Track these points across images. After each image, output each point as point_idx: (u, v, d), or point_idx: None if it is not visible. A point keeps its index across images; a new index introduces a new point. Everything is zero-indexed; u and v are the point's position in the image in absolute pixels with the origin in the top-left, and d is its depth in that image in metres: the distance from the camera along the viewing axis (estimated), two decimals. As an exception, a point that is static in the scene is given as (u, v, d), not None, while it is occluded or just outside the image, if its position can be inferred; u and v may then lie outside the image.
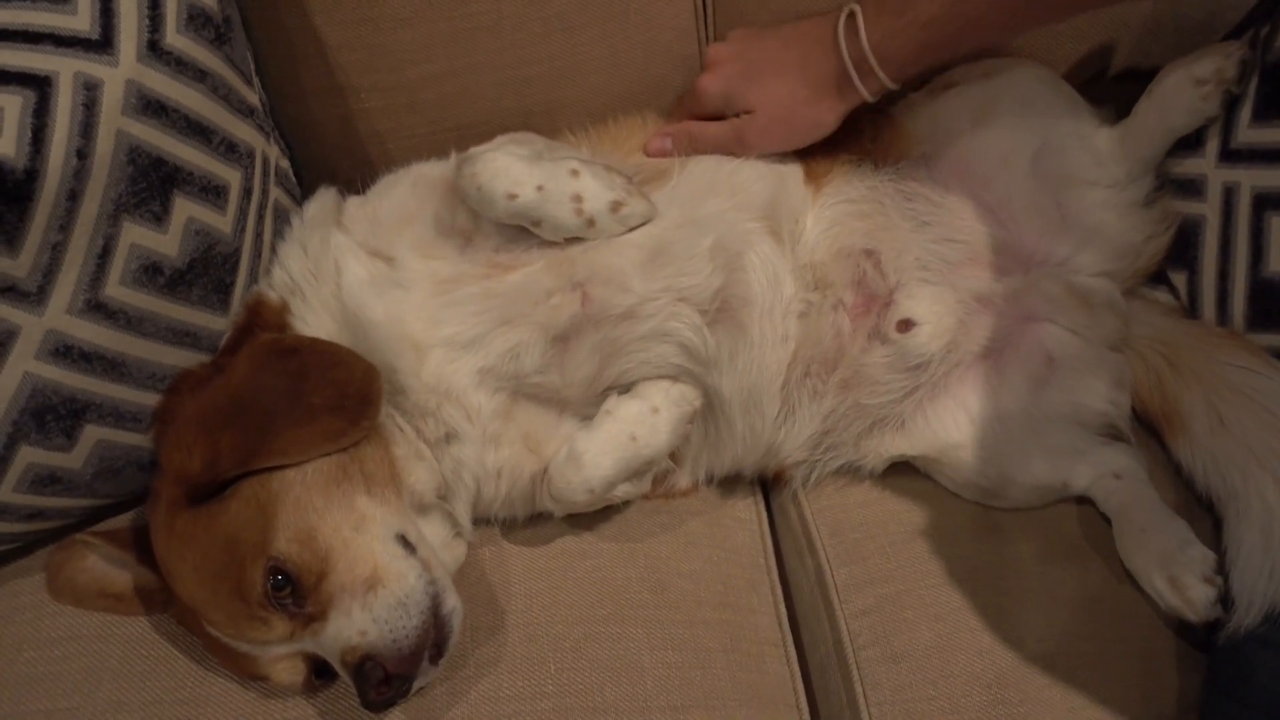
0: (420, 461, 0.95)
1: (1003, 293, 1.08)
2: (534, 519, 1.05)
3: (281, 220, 1.05)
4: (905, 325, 1.05)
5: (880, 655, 0.99)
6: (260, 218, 1.01)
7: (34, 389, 0.87)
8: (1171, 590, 0.94)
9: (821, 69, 1.03)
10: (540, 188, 0.93)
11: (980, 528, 1.07)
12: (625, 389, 1.02)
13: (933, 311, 1.06)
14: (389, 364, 0.93)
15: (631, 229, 0.99)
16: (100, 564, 0.98)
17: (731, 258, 1.01)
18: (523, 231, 0.98)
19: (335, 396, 0.89)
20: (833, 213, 1.09)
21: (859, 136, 1.13)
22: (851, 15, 1.00)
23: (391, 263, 0.97)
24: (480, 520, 1.03)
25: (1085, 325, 1.09)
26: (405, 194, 1.02)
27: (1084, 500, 1.07)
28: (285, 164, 1.09)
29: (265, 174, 1.02)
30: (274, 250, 1.03)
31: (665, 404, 1.00)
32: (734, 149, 1.07)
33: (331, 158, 1.18)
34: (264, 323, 0.97)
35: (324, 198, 1.06)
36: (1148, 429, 1.11)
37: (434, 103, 1.16)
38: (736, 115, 1.08)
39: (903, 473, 1.12)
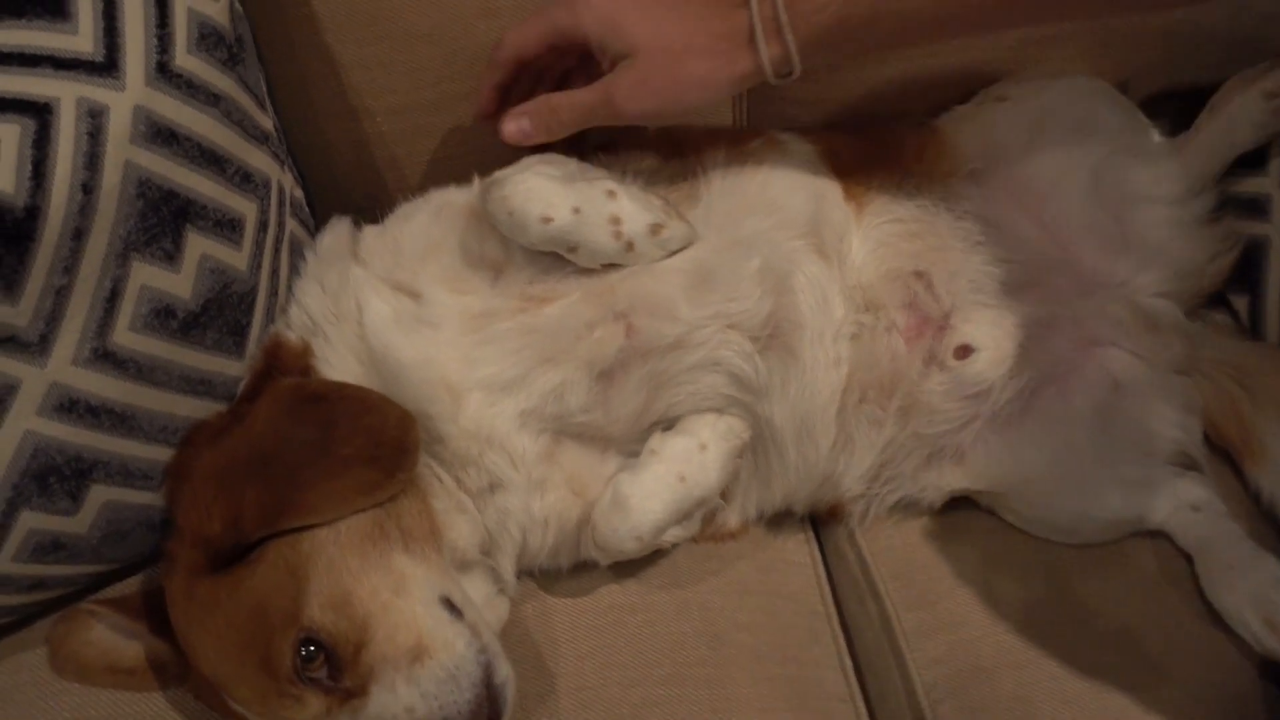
0: (462, 514, 0.88)
1: (1064, 316, 1.03)
2: (577, 568, 0.98)
3: (297, 254, 0.98)
4: (963, 351, 0.99)
5: (958, 708, 0.92)
6: (276, 252, 0.93)
7: (36, 448, 0.78)
8: (1269, 632, 0.88)
9: (725, 20, 0.87)
10: (576, 210, 0.86)
11: (1050, 565, 1.00)
12: (670, 424, 0.95)
13: (991, 337, 1.00)
14: (423, 410, 0.86)
15: (671, 254, 0.92)
16: (108, 635, 0.89)
17: (780, 279, 0.94)
18: (556, 261, 0.91)
19: (368, 446, 0.81)
20: (880, 233, 1.02)
21: (900, 153, 1.07)
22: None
23: (418, 299, 0.89)
24: (521, 573, 0.95)
25: (1151, 349, 1.03)
26: (428, 223, 0.94)
27: (1158, 534, 1.01)
28: (299, 193, 1.02)
29: (281, 205, 0.94)
30: (290, 288, 0.95)
31: (713, 439, 0.93)
32: (602, 115, 0.91)
33: (344, 185, 1.11)
34: (284, 367, 0.89)
35: (338, 228, 0.98)
36: (1219, 455, 1.05)
37: (453, 126, 1.08)
38: (609, 64, 0.90)
39: (962, 508, 1.06)
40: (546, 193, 0.86)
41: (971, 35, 1.02)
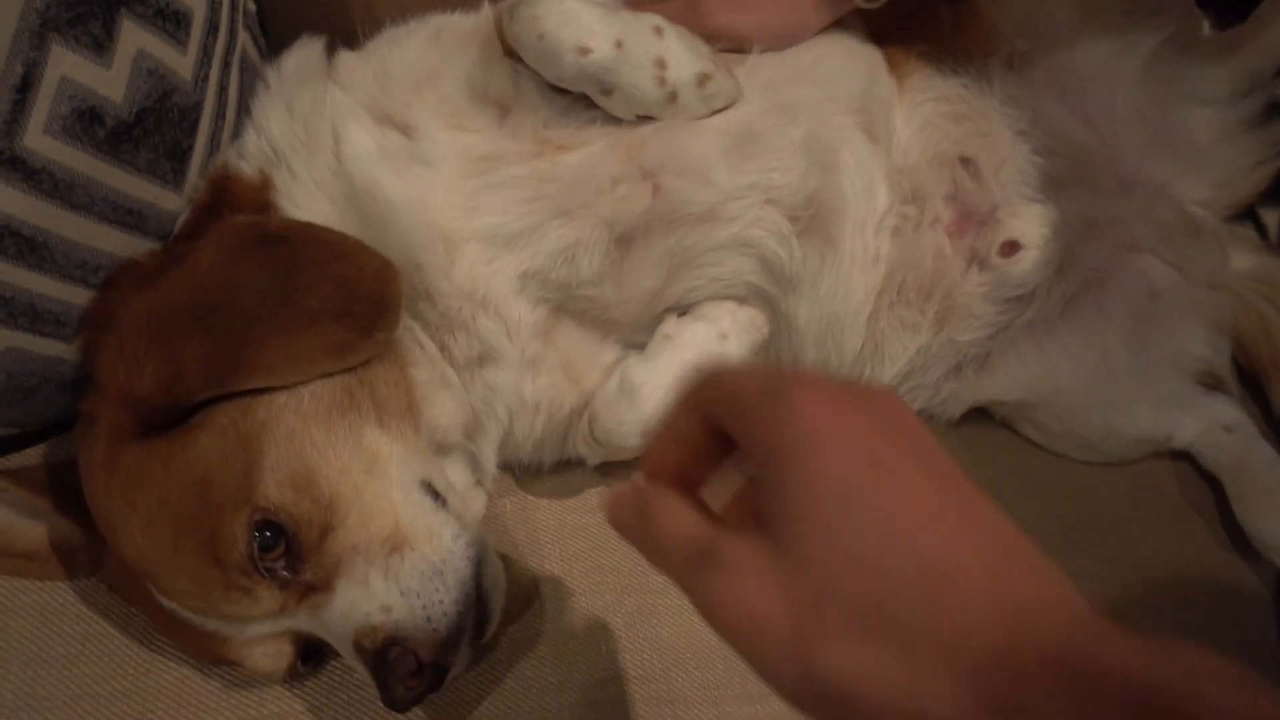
0: (446, 388, 0.75)
1: (1106, 217, 0.94)
2: (559, 466, 0.86)
3: (250, 76, 0.81)
4: (1009, 249, 0.90)
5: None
6: (226, 66, 0.77)
7: (-80, 273, 0.62)
8: (1304, 560, 0.83)
9: None
10: (619, 44, 0.73)
11: (1067, 486, 0.94)
12: (683, 311, 0.84)
13: (1039, 234, 0.90)
14: (411, 259, 0.72)
15: (713, 112, 0.79)
16: (6, 513, 0.74)
17: (826, 155, 0.83)
18: (575, 104, 0.77)
19: (339, 298, 0.68)
20: (924, 111, 0.91)
21: (936, 24, 0.96)
22: None
23: (410, 132, 0.75)
24: (501, 465, 0.83)
25: (1188, 258, 0.96)
26: (423, 48, 0.79)
27: (1178, 456, 0.95)
28: (252, 5, 0.85)
29: (234, 8, 0.78)
30: (244, 112, 0.79)
31: (735, 330, 0.82)
32: (686, 18, 0.83)
33: (302, 10, 0.94)
34: (237, 202, 0.74)
35: (308, 49, 0.82)
36: (1243, 374, 0.99)
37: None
38: None
39: (976, 421, 0.97)
40: (587, 19, 0.72)
41: None
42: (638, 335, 0.85)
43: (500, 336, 0.76)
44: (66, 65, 0.63)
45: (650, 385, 0.79)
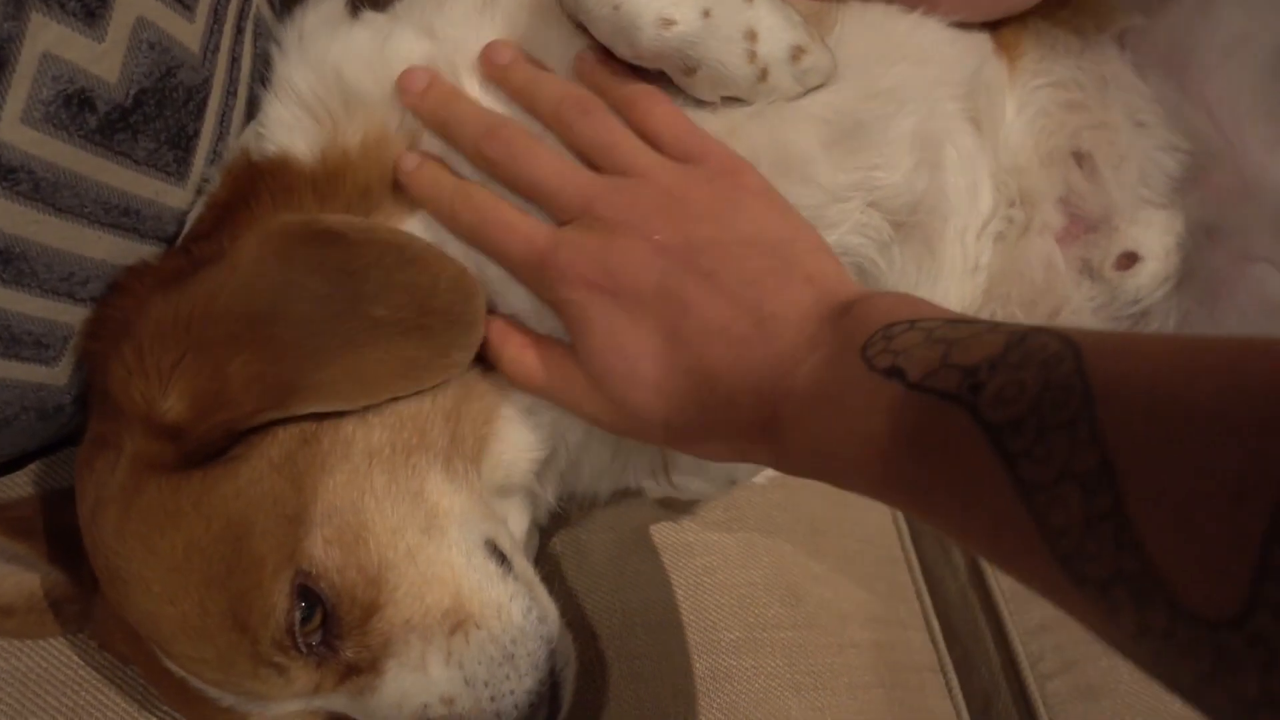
0: (529, 417, 0.64)
1: (1231, 224, 0.83)
2: (616, 496, 0.76)
3: (265, 43, 0.69)
4: (1127, 260, 0.80)
5: (1071, 688, 0.77)
6: (239, 32, 0.64)
7: None
8: None
9: None
10: (707, 13, 0.61)
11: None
12: None
13: (1161, 244, 0.80)
14: None
15: (807, 91, 0.68)
16: (-21, 563, 0.63)
17: (934, 150, 0.72)
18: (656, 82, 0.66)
19: (411, 309, 0.57)
20: (1038, 98, 0.80)
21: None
22: None
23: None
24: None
25: (1310, 270, 0.86)
26: (471, 11, 0.67)
27: None
28: (264, -45, 0.72)
29: (247, -31, 0.65)
30: (259, 84, 0.66)
31: None
32: None
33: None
34: (270, 189, 0.61)
35: (330, 4, 0.69)
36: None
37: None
38: None
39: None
40: None
41: None
42: None
43: None
44: (50, 39, 0.51)
45: None
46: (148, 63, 0.56)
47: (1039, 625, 0.79)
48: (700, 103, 0.67)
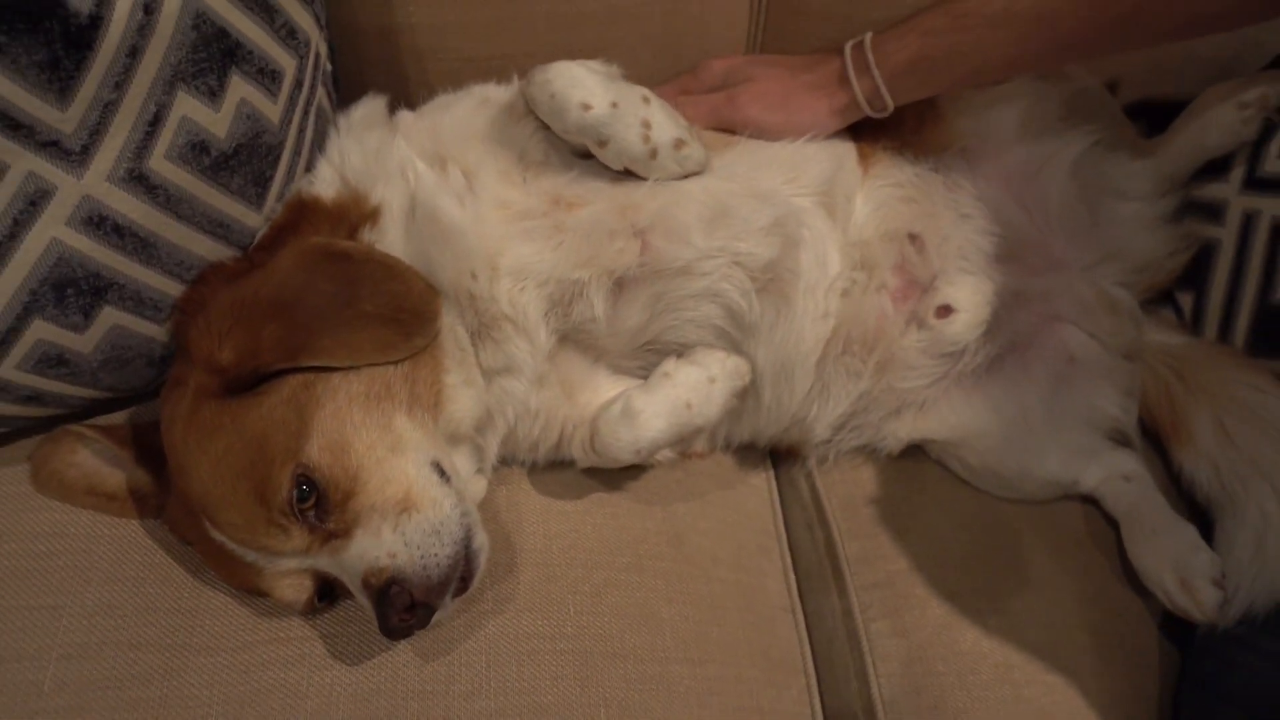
0: (470, 388, 0.91)
1: (1034, 291, 1.10)
2: (551, 465, 1.02)
3: (323, 123, 1.00)
4: (944, 311, 1.06)
5: (890, 629, 1.00)
6: (306, 114, 0.95)
7: (59, 258, 0.80)
8: (1182, 591, 0.97)
9: (825, 66, 1.05)
10: (614, 105, 0.91)
11: (989, 517, 1.08)
12: (663, 349, 1.00)
13: (971, 301, 1.07)
14: (468, 271, 0.89)
15: (687, 175, 0.97)
16: (92, 459, 0.91)
17: (788, 231, 0.99)
18: (586, 170, 0.95)
19: (389, 308, 0.85)
20: (881, 194, 1.08)
21: (901, 125, 1.12)
22: (860, 43, 1.03)
23: (470, 176, 0.93)
24: (501, 461, 0.99)
25: (1105, 331, 1.12)
26: (470, 112, 0.98)
27: (1087, 500, 1.09)
28: (329, 66, 1.04)
29: (316, 69, 0.96)
30: (316, 150, 0.98)
31: (722, 375, 0.98)
32: (723, 110, 1.05)
33: (367, 71, 1.12)
34: (314, 220, 0.91)
35: (373, 104, 1.01)
36: (1148, 434, 1.14)
37: (482, 25, 1.11)
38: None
39: (913, 457, 1.13)
40: (589, 83, 0.90)
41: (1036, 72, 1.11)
42: (622, 362, 1.01)
43: (525, 354, 0.92)
44: (187, 107, 0.81)
45: (648, 414, 0.94)
46: (245, 126, 0.86)
47: (871, 584, 1.02)
48: (615, 176, 0.96)
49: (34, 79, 0.72)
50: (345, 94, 1.08)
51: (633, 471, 1.03)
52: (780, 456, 1.16)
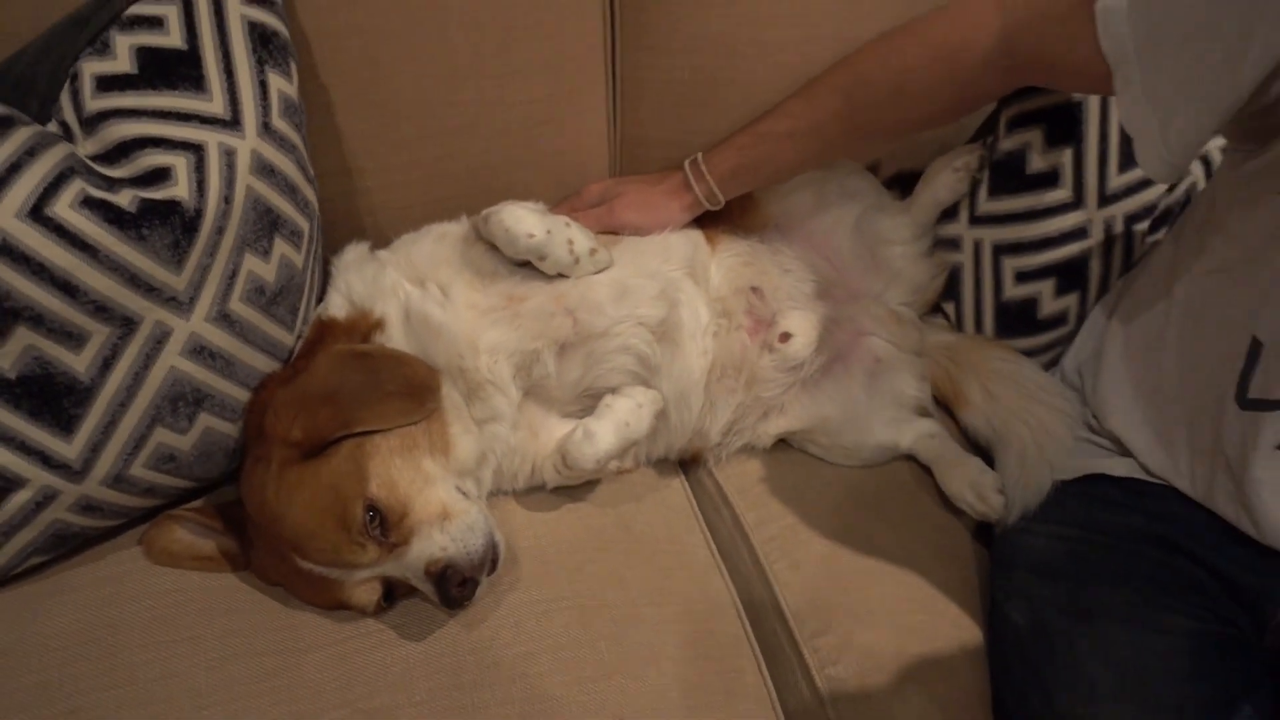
0: (468, 435, 1.26)
1: (845, 315, 1.54)
2: (528, 490, 1.38)
3: (320, 267, 1.36)
4: (784, 337, 1.49)
5: (788, 565, 1.38)
6: (315, 259, 1.31)
7: (175, 379, 1.12)
8: (979, 501, 1.40)
9: (672, 178, 1.49)
10: (549, 232, 1.30)
11: (844, 480, 1.50)
12: (599, 392, 1.38)
13: (803, 327, 1.50)
14: (458, 353, 1.25)
15: (599, 271, 1.37)
16: (189, 535, 1.21)
17: (671, 296, 1.40)
18: (527, 274, 1.34)
19: (405, 385, 1.20)
20: (727, 263, 1.51)
21: (732, 213, 1.56)
22: (695, 160, 1.48)
23: (445, 289, 1.30)
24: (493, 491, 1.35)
25: (899, 337, 1.57)
26: (433, 244, 1.35)
27: (908, 457, 1.53)
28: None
29: (317, 228, 1.32)
30: (325, 284, 1.33)
31: (646, 401, 1.36)
32: (605, 219, 1.47)
33: (335, 227, 1.48)
34: (337, 332, 1.26)
35: (359, 247, 1.37)
36: (940, 406, 1.59)
37: (420, 181, 1.49)
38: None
39: (782, 448, 1.54)
40: (530, 220, 1.29)
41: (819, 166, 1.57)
42: (568, 407, 1.39)
43: (504, 405, 1.29)
44: (251, 264, 1.16)
45: (601, 433, 1.31)
46: (284, 273, 1.21)
47: (769, 538, 1.41)
48: (549, 276, 1.35)
49: (165, 256, 1.07)
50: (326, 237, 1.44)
51: (589, 486, 1.40)
52: (687, 464, 1.55)
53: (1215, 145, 1.46)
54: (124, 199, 1.05)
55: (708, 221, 1.54)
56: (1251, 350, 1.15)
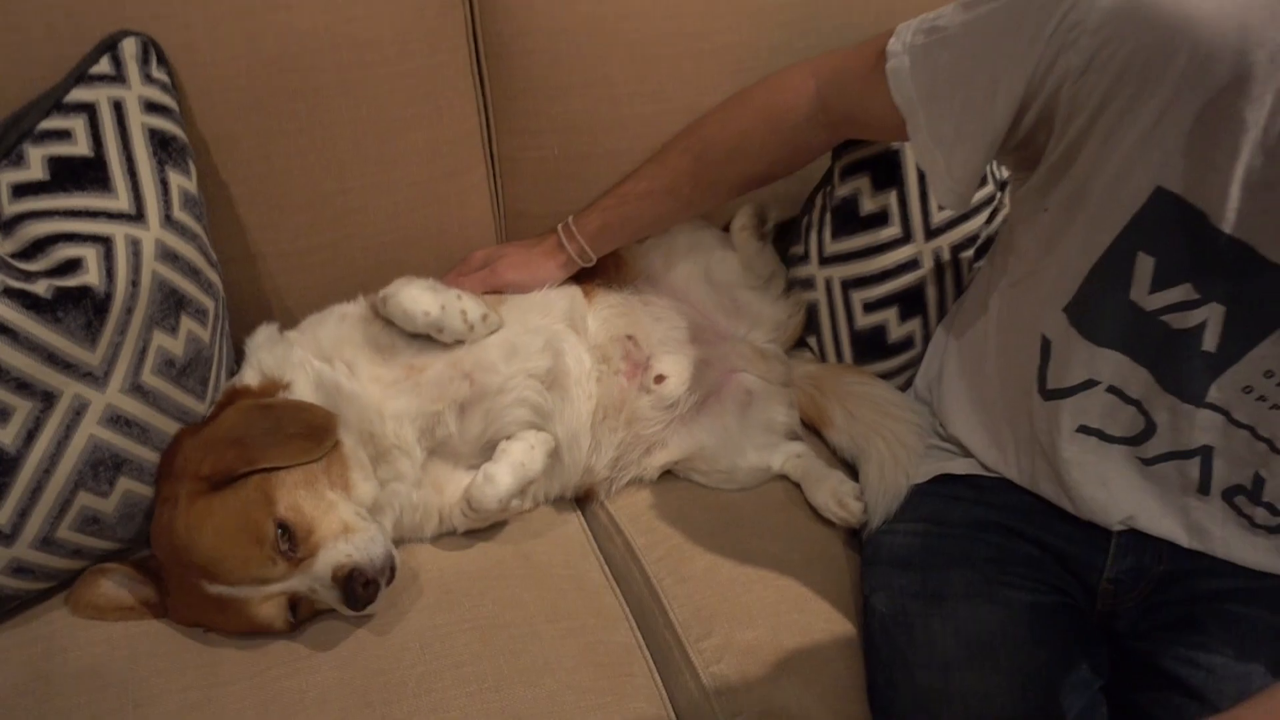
0: (367, 483, 1.38)
1: (715, 355, 1.71)
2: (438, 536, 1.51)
3: (229, 346, 1.49)
4: (659, 379, 1.64)
5: (675, 579, 1.51)
6: (222, 336, 1.45)
7: (95, 447, 1.25)
8: (840, 508, 1.56)
9: (548, 240, 1.67)
10: (443, 307, 1.45)
11: (723, 502, 1.64)
12: (508, 436, 1.52)
13: (675, 369, 1.65)
14: (368, 420, 1.39)
15: (491, 333, 1.52)
16: (112, 587, 1.32)
17: (555, 347, 1.56)
18: (424, 344, 1.48)
19: (305, 428, 1.33)
20: (604, 314, 1.67)
21: (605, 270, 1.72)
22: (567, 223, 1.67)
23: (351, 365, 1.43)
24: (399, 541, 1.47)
25: (766, 372, 1.73)
26: (335, 325, 1.49)
27: (781, 478, 1.69)
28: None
29: (223, 307, 1.47)
30: (235, 358, 1.47)
31: (538, 443, 1.51)
32: (490, 280, 1.62)
33: (242, 307, 1.62)
34: (248, 398, 1.40)
35: (269, 328, 1.50)
36: (809, 429, 1.76)
37: (319, 264, 1.63)
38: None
39: (667, 479, 1.69)
40: (425, 298, 1.45)
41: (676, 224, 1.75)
42: (472, 460, 1.52)
43: (409, 467, 1.42)
44: (160, 340, 1.29)
45: (499, 474, 1.43)
46: (192, 347, 1.35)
47: (658, 558, 1.55)
48: (445, 344, 1.49)
49: (79, 336, 1.20)
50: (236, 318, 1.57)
51: (495, 527, 1.53)
52: (583, 500, 1.68)
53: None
54: (40, 288, 1.19)
55: (585, 277, 1.71)
56: (1044, 348, 1.34)
